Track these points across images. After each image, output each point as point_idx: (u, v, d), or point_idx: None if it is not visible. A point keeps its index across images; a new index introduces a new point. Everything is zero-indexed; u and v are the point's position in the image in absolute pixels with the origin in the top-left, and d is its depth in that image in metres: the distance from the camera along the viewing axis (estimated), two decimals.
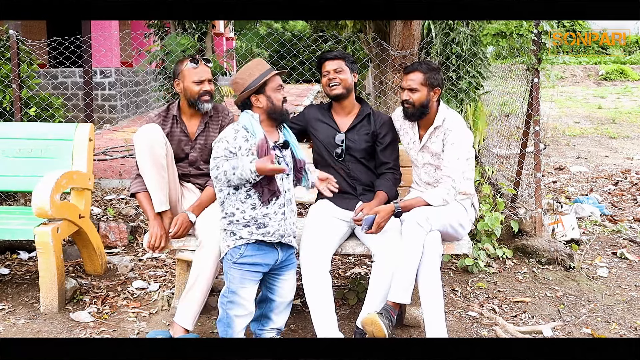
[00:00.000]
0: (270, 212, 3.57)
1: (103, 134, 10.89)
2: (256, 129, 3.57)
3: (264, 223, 3.56)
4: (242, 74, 3.67)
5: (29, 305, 4.55)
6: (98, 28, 11.74)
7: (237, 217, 3.57)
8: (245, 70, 3.69)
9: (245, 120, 3.62)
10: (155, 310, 4.49)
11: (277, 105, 3.66)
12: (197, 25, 5.65)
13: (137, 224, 5.97)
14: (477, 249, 5.35)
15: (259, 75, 3.64)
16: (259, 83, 3.62)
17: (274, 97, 3.66)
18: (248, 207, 3.56)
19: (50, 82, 11.65)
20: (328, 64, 4.22)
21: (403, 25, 5.71)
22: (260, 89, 3.64)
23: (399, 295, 3.78)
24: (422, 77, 4.07)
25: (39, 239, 4.31)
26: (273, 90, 3.66)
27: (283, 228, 3.62)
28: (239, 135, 3.58)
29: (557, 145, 12.03)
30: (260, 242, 3.56)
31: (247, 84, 3.64)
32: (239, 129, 3.61)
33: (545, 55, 5.63)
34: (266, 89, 3.64)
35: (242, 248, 3.56)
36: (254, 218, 3.55)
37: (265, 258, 3.59)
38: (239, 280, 3.55)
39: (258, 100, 3.65)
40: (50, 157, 4.89)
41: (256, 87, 3.62)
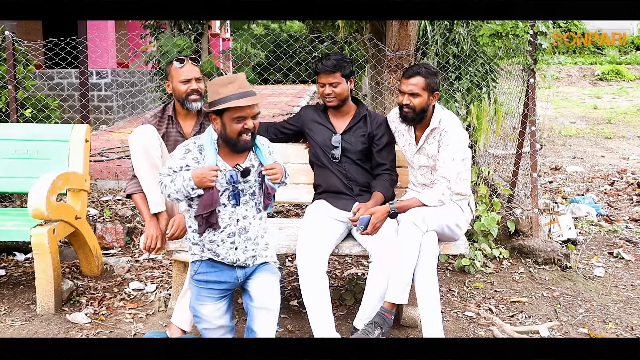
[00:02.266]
0: (217, 239, 3.34)
1: (99, 135, 10.87)
2: (209, 153, 3.30)
3: (211, 248, 3.35)
4: (213, 85, 3.28)
5: (25, 306, 4.54)
6: (94, 29, 11.72)
7: (189, 235, 3.41)
8: (218, 82, 3.29)
9: (205, 139, 3.35)
10: (152, 311, 4.48)
11: (229, 135, 3.27)
12: (193, 26, 5.65)
13: (134, 225, 5.96)
14: (474, 249, 5.36)
15: (222, 98, 3.24)
16: (215, 107, 3.24)
17: (229, 126, 3.26)
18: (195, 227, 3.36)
19: (46, 83, 11.62)
20: (324, 77, 4.19)
21: (399, 25, 5.71)
22: (219, 111, 3.26)
23: (396, 295, 3.78)
24: (424, 82, 4.05)
25: (35, 240, 4.30)
26: (230, 120, 3.25)
27: (233, 257, 3.36)
28: (189, 155, 3.31)
29: (553, 145, 12.05)
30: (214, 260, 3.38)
31: (211, 99, 3.28)
32: (191, 149, 3.33)
33: (541, 55, 5.64)
34: (224, 115, 3.25)
35: (197, 264, 3.40)
36: (202, 241, 3.35)
37: (221, 276, 3.38)
38: (196, 297, 3.40)
39: (215, 121, 3.31)
40: (46, 158, 4.89)
41: (214, 109, 3.25)
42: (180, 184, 3.22)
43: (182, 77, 4.12)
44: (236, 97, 3.23)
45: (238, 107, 3.23)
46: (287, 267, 5.38)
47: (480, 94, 6.00)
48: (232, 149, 3.33)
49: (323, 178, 4.32)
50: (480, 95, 5.97)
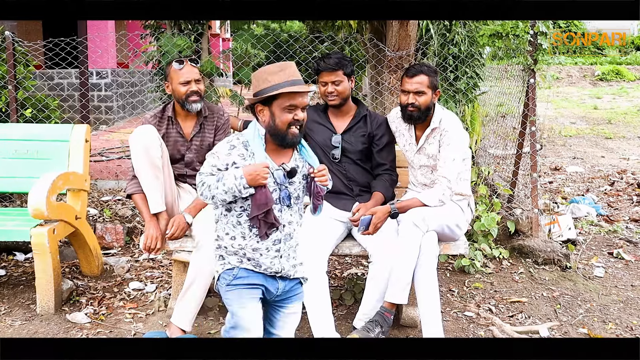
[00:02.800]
0: (261, 247, 3.07)
1: (99, 135, 10.87)
2: (257, 149, 3.04)
3: (254, 258, 3.07)
4: (262, 73, 3.07)
5: (25, 306, 4.54)
6: (94, 29, 11.72)
7: (226, 243, 3.11)
8: (267, 71, 3.07)
9: (249, 134, 3.09)
10: (152, 311, 4.48)
11: (279, 127, 3.03)
12: (193, 26, 5.65)
13: (134, 225, 5.97)
14: (474, 250, 5.36)
15: (272, 85, 3.02)
16: (266, 94, 3.02)
17: (279, 116, 3.03)
18: (238, 234, 3.08)
19: (46, 83, 11.61)
20: (326, 75, 4.18)
21: (399, 26, 5.71)
22: (268, 100, 3.03)
23: (396, 295, 3.78)
24: (428, 80, 4.06)
25: (35, 240, 4.30)
26: (281, 109, 3.02)
27: (278, 266, 3.11)
28: (235, 152, 3.05)
29: (554, 145, 12.04)
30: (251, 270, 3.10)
31: (259, 89, 3.06)
32: (236, 145, 3.07)
33: (541, 56, 5.64)
34: (273, 103, 3.02)
35: (235, 270, 3.08)
36: (243, 249, 3.07)
37: (263, 280, 3.10)
38: (237, 301, 3.07)
39: (262, 112, 3.07)
40: (46, 158, 4.89)
41: (263, 97, 3.03)
42: (231, 183, 2.93)
43: (181, 79, 4.12)
44: (288, 84, 3.02)
45: (290, 94, 3.01)
46: None
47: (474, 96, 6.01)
48: (280, 144, 3.08)
49: None
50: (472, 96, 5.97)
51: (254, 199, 2.98)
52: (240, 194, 2.95)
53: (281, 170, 3.06)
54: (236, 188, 2.93)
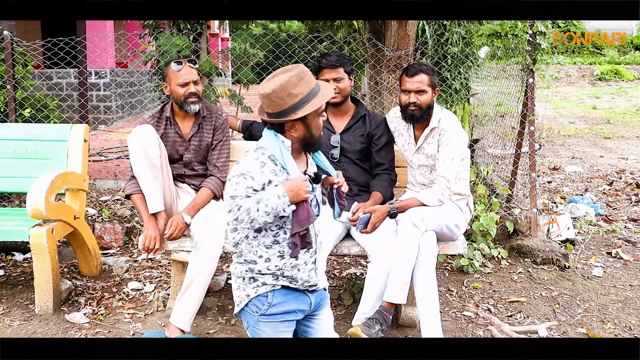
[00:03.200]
0: (300, 262, 2.94)
1: (98, 134, 10.87)
2: (289, 163, 2.86)
3: (291, 275, 2.93)
4: (283, 90, 2.81)
5: (23, 306, 4.54)
6: (93, 29, 11.71)
7: (260, 267, 2.92)
8: (287, 85, 2.82)
9: (273, 147, 2.87)
10: (151, 311, 4.48)
11: (314, 136, 2.91)
12: (192, 25, 5.64)
13: (132, 225, 5.96)
14: (473, 249, 5.36)
15: (303, 98, 2.83)
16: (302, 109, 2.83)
17: (314, 125, 2.90)
18: (274, 255, 2.91)
19: (44, 83, 11.61)
20: (328, 72, 4.18)
21: (398, 25, 5.71)
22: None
23: (395, 295, 3.78)
24: (428, 79, 4.06)
25: (33, 240, 4.30)
26: (314, 117, 2.89)
27: (315, 278, 3.01)
28: (267, 169, 2.84)
29: (552, 145, 12.05)
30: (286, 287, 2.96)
31: (287, 106, 2.83)
32: (265, 162, 2.85)
33: (540, 55, 5.64)
34: (307, 116, 2.85)
35: (269, 296, 2.92)
36: (281, 269, 2.91)
37: (297, 304, 2.99)
38: (272, 335, 2.96)
39: (294, 129, 2.88)
40: (45, 158, 4.88)
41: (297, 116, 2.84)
42: (274, 203, 2.75)
43: (179, 80, 4.12)
44: (316, 91, 2.88)
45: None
46: None
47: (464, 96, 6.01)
48: (311, 150, 2.98)
49: None
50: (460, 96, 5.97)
51: (295, 216, 2.83)
52: (284, 212, 2.79)
53: (307, 178, 2.93)
54: (280, 207, 2.77)
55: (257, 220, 2.79)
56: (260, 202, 2.77)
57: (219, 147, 4.33)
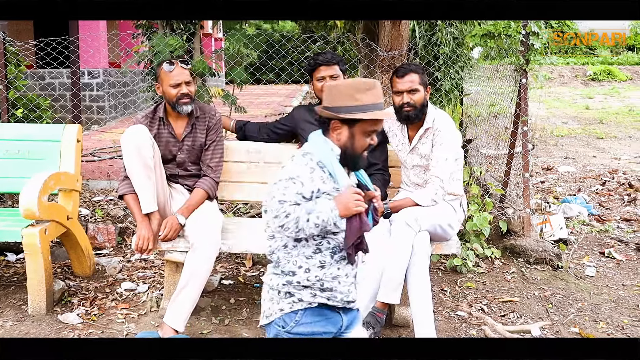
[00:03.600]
0: (341, 274, 2.81)
1: (91, 135, 10.85)
2: (337, 171, 2.76)
3: (331, 287, 2.80)
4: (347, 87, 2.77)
5: (16, 307, 4.52)
6: (86, 29, 11.68)
7: (299, 278, 2.79)
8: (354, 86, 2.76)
9: (321, 153, 2.78)
10: (144, 311, 4.47)
11: (355, 151, 2.80)
12: (185, 25, 5.63)
13: (126, 225, 5.95)
14: (466, 249, 5.37)
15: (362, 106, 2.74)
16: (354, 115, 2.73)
17: (358, 140, 2.79)
18: (315, 265, 2.78)
19: (37, 83, 11.57)
20: (324, 69, 4.19)
21: (392, 25, 5.72)
22: (351, 121, 2.76)
23: (388, 295, 3.78)
24: (418, 77, 4.07)
25: (26, 240, 4.28)
26: (362, 132, 2.78)
27: (353, 294, 2.88)
28: (316, 175, 2.73)
29: (545, 145, 12.08)
30: (323, 305, 2.82)
31: (342, 104, 2.75)
32: (314, 167, 2.75)
33: (533, 56, 5.65)
34: (357, 125, 2.76)
35: (300, 314, 2.81)
36: (320, 280, 2.78)
37: (326, 326, 2.88)
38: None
39: (338, 131, 2.79)
40: (38, 158, 4.87)
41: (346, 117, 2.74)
42: (326, 216, 2.67)
43: (172, 81, 4.12)
44: (377, 107, 2.75)
45: (376, 120, 2.77)
46: None
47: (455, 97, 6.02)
48: (350, 166, 2.85)
49: None
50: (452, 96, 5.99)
51: (349, 226, 2.72)
52: (334, 227, 2.70)
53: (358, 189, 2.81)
54: (331, 221, 2.68)
55: (304, 231, 2.69)
56: (311, 213, 2.66)
57: (213, 148, 4.33)
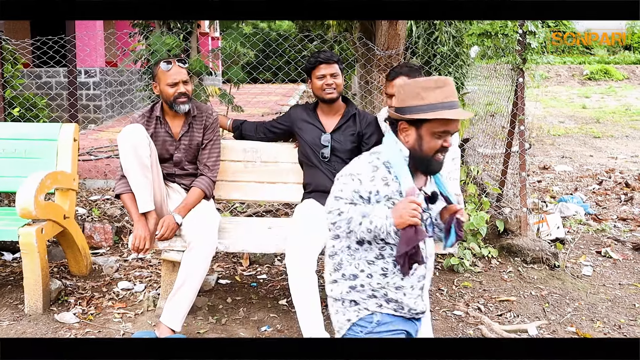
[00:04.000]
0: (405, 285, 2.72)
1: (88, 134, 10.83)
2: (402, 173, 2.65)
3: (396, 299, 2.72)
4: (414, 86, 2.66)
5: (13, 306, 4.52)
6: (82, 27, 11.67)
7: (362, 281, 2.71)
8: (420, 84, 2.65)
9: (390, 153, 2.70)
10: (141, 310, 4.47)
11: (425, 152, 2.66)
12: (182, 24, 5.63)
13: (123, 225, 5.94)
14: (463, 248, 5.37)
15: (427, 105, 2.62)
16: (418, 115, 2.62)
17: (427, 141, 2.65)
18: (377, 272, 2.70)
19: (34, 81, 11.57)
20: (325, 67, 4.19)
21: (389, 25, 5.72)
22: (417, 121, 2.64)
23: None
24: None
25: (23, 239, 4.28)
26: (431, 133, 2.64)
27: (421, 305, 2.80)
28: (378, 175, 2.65)
29: (542, 144, 12.09)
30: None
31: (408, 104, 2.66)
32: (378, 166, 2.67)
33: (530, 55, 5.66)
34: (424, 125, 2.64)
35: (376, 316, 2.75)
36: (384, 289, 2.70)
37: (406, 325, 2.82)
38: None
39: (406, 132, 2.70)
40: (34, 157, 4.86)
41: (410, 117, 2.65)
42: (380, 223, 2.57)
43: (169, 80, 4.11)
44: (446, 106, 2.60)
45: (445, 120, 2.61)
46: (276, 267, 5.38)
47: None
48: (422, 170, 2.73)
49: (312, 177, 4.32)
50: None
51: (403, 234, 2.58)
52: (387, 236, 2.60)
53: (422, 194, 2.72)
54: (385, 229, 2.58)
55: (355, 233, 2.63)
56: (366, 216, 2.58)
57: (210, 147, 4.32)
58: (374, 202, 2.65)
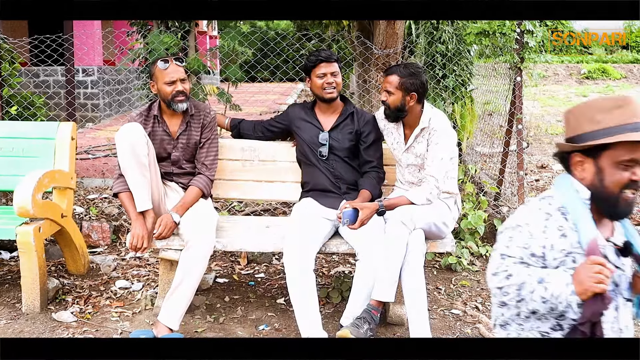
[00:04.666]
0: None
1: (85, 132, 10.83)
2: (582, 219, 2.18)
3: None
4: (587, 108, 2.23)
5: (10, 305, 4.51)
6: (80, 26, 11.64)
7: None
8: (595, 106, 2.21)
9: (564, 196, 2.24)
10: (139, 309, 4.46)
11: (608, 189, 2.18)
12: (180, 23, 5.62)
13: (120, 223, 5.94)
14: (461, 247, 5.37)
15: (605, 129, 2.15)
16: (594, 141, 2.17)
17: (609, 174, 2.17)
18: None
19: (31, 80, 11.56)
20: (325, 66, 4.20)
21: (387, 24, 5.72)
22: (594, 150, 2.18)
23: (383, 293, 3.78)
24: (398, 81, 4.07)
25: (20, 238, 4.27)
26: (614, 164, 2.16)
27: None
28: (552, 224, 2.19)
29: (540, 143, 12.09)
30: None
31: (580, 132, 2.22)
32: (551, 214, 2.21)
33: (527, 54, 5.66)
34: (603, 155, 2.17)
35: None
36: None
37: None
38: None
39: (581, 166, 2.24)
40: (32, 156, 4.85)
41: (587, 145, 2.19)
42: (558, 291, 2.13)
43: (166, 79, 4.11)
44: (630, 128, 2.13)
45: (632, 144, 2.12)
46: (274, 266, 5.38)
47: (463, 93, 6.03)
48: (607, 214, 2.24)
49: (310, 176, 4.32)
50: (463, 94, 6.00)
51: (586, 305, 2.14)
52: (567, 308, 2.17)
53: (611, 246, 2.24)
54: (565, 299, 2.13)
55: (526, 303, 2.19)
56: (541, 282, 2.13)
57: (207, 145, 4.32)
58: (550, 260, 2.20)
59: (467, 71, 6.12)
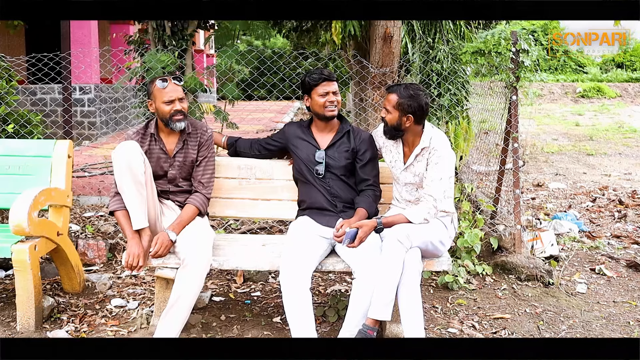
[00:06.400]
0: None
1: (82, 150, 10.83)
2: None
3: None
4: None
5: (5, 324, 4.49)
6: (77, 44, 11.70)
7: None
8: None
9: None
10: (134, 328, 4.44)
11: None
12: (177, 42, 5.65)
13: (116, 242, 5.93)
14: (457, 266, 5.37)
15: None
16: None
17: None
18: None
19: (28, 98, 11.57)
20: (327, 84, 4.22)
21: (383, 42, 5.75)
22: None
23: (379, 311, 3.77)
24: (396, 100, 4.09)
25: (16, 256, 4.26)
26: None
27: None
28: None
29: (536, 162, 12.13)
30: None
31: None
32: None
33: (523, 73, 5.68)
34: None
35: None
36: None
37: None
38: None
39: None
40: (29, 173, 4.85)
41: None
42: None
43: (165, 98, 4.12)
44: None
45: None
46: (270, 284, 5.36)
47: (458, 112, 6.05)
48: None
49: (307, 194, 4.32)
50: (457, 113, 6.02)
51: None
52: None
53: None
54: None
55: None
56: None
57: (204, 164, 4.33)
58: None
59: (463, 90, 6.15)
